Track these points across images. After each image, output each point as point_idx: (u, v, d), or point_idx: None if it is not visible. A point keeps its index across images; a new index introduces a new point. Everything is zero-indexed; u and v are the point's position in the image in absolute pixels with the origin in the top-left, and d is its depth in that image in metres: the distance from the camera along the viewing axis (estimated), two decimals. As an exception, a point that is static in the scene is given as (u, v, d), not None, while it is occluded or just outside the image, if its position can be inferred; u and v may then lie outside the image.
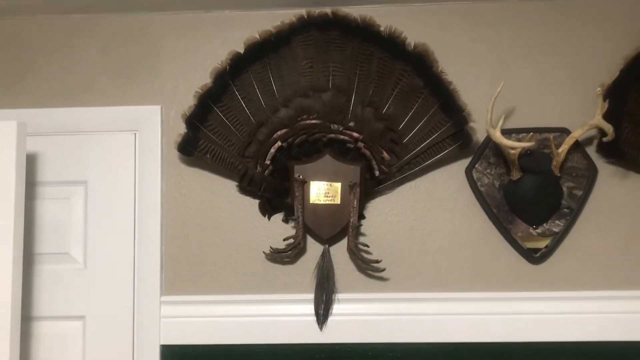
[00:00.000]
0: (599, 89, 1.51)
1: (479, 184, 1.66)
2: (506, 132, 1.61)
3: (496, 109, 1.59)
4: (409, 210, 1.69)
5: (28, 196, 1.65)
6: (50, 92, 1.73)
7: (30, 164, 1.68)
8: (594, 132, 1.63)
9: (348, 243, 1.62)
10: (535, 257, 1.63)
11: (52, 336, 1.68)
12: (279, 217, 1.69)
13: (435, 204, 1.69)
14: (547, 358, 1.61)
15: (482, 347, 1.62)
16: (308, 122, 1.65)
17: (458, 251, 1.67)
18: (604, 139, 1.52)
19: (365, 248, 1.64)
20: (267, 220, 1.69)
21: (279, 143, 1.64)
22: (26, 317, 1.65)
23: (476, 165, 1.66)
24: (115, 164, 1.70)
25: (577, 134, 1.57)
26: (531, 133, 1.58)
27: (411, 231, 1.68)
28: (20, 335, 1.48)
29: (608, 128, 1.49)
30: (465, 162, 1.68)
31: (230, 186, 1.70)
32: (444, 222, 1.68)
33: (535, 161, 1.62)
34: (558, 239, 1.63)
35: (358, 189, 1.61)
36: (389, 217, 1.69)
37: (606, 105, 1.57)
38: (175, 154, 1.68)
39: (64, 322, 1.68)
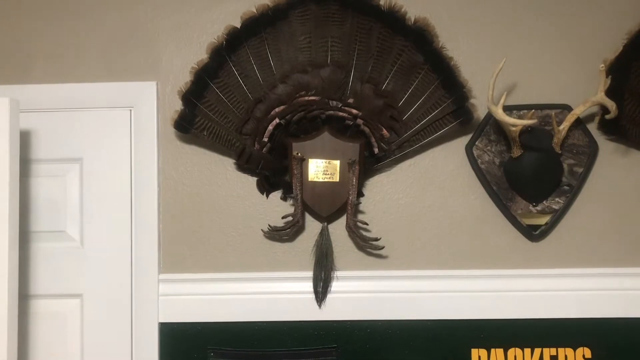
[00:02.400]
0: (602, 65, 1.49)
1: (479, 161, 1.64)
2: (507, 109, 1.58)
3: (497, 86, 1.57)
4: (408, 187, 1.68)
5: (22, 174, 1.62)
6: (43, 68, 1.70)
7: (24, 141, 1.66)
8: (595, 108, 1.61)
9: (347, 221, 1.61)
10: (534, 234, 1.63)
11: (50, 314, 1.67)
12: (277, 194, 1.67)
13: (435, 182, 1.67)
14: (547, 335, 1.61)
15: (481, 324, 1.62)
16: (306, 98, 1.62)
17: (457, 229, 1.66)
18: (607, 116, 1.50)
19: (364, 226, 1.63)
20: (266, 198, 1.68)
21: (277, 120, 1.61)
22: (23, 296, 1.65)
23: (476, 143, 1.64)
24: (110, 141, 1.68)
25: (578, 110, 1.55)
26: (532, 110, 1.56)
27: (411, 209, 1.67)
28: (18, 314, 1.48)
29: (611, 105, 1.47)
30: (465, 139, 1.66)
31: (228, 163, 1.67)
32: (443, 199, 1.67)
33: (536, 138, 1.60)
34: (558, 216, 1.62)
35: (357, 167, 1.59)
36: (388, 194, 1.68)
37: (609, 81, 1.55)
38: (171, 131, 1.66)
39: (62, 301, 1.67)
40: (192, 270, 1.67)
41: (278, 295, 1.65)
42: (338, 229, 1.66)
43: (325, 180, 1.61)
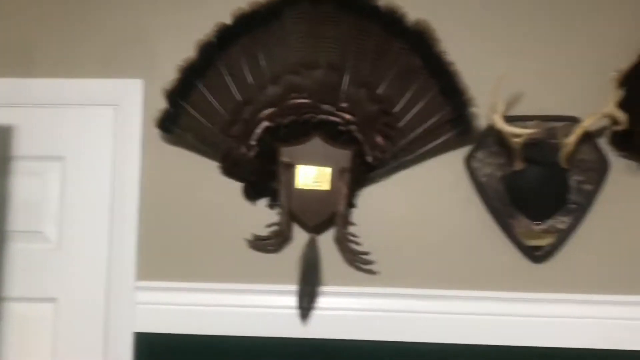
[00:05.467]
0: (613, 73, 1.38)
1: (479, 174, 1.53)
2: (511, 120, 1.49)
3: (502, 95, 1.47)
4: (403, 200, 1.57)
5: (2, 171, 1.57)
6: (25, 62, 1.63)
7: (5, 136, 1.60)
8: (606, 122, 1.50)
9: (336, 232, 1.52)
10: (537, 255, 1.51)
11: (22, 318, 1.59)
12: (265, 202, 1.59)
13: (431, 194, 1.57)
14: (546, 364, 1.50)
15: (477, 350, 1.50)
16: (297, 101, 1.54)
17: (454, 246, 1.55)
18: (617, 128, 1.39)
19: (354, 238, 1.53)
20: (252, 205, 1.59)
21: (266, 123, 1.54)
22: (-5, 298, 1.59)
23: (476, 154, 1.54)
24: (93, 139, 1.61)
25: (587, 123, 1.44)
26: (536, 121, 1.45)
27: (405, 222, 1.56)
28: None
29: (621, 116, 1.36)
30: (465, 151, 1.55)
31: (213, 167, 1.58)
32: (440, 214, 1.56)
33: (541, 152, 1.49)
34: (563, 236, 1.50)
35: (348, 175, 1.50)
36: (381, 206, 1.57)
37: (621, 92, 1.44)
38: (156, 131, 1.58)
39: (35, 304, 1.59)
40: (171, 278, 1.57)
41: (261, 309, 1.55)
42: (327, 241, 1.55)
43: (315, 188, 1.52)
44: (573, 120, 1.51)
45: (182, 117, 1.54)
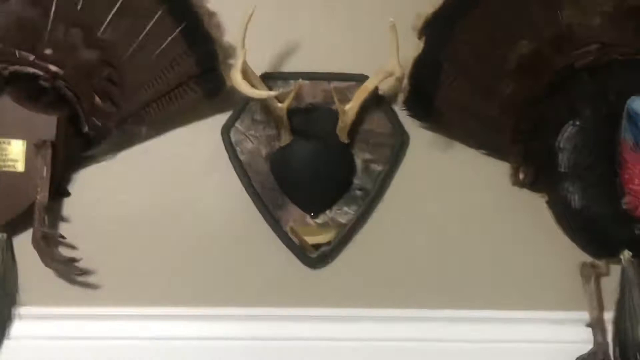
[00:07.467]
0: (391, 19, 1.03)
1: (238, 150, 1.14)
2: (280, 78, 1.14)
3: (277, 49, 1.14)
4: (139, 185, 1.15)
5: None
6: None
7: None
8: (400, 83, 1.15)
9: (35, 231, 1.08)
10: (312, 257, 1.13)
11: None
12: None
13: (178, 177, 1.15)
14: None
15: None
16: (-19, 45, 1.09)
17: (208, 248, 1.14)
18: (391, 76, 1.05)
19: (64, 240, 1.10)
20: None
21: None
22: None
23: (237, 124, 1.15)
24: None
25: (371, 84, 1.08)
26: (300, 79, 1.07)
27: (141, 217, 1.14)
28: None
29: (398, 70, 1.03)
30: (223, 118, 1.16)
31: None
32: (189, 203, 1.15)
33: (316, 121, 1.12)
34: (346, 233, 1.13)
35: (50, 151, 1.06)
36: (107, 194, 1.14)
37: (422, 44, 1.12)
38: None
39: None
40: None
41: None
42: (28, 243, 1.11)
43: (4, 169, 1.08)
44: (363, 80, 1.14)
45: None
